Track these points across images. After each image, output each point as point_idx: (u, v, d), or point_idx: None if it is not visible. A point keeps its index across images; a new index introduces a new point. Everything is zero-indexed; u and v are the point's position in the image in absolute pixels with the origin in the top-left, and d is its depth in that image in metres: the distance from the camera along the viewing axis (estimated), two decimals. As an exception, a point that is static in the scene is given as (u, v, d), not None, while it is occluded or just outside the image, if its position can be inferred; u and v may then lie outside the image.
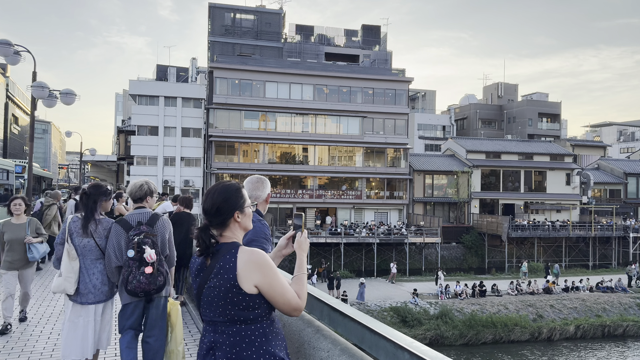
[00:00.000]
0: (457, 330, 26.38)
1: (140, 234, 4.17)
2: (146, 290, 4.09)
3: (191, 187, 42.75)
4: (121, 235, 4.24)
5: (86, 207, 4.41)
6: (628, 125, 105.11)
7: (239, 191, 2.39)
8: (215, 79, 42.01)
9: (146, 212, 4.44)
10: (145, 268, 4.08)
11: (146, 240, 4.14)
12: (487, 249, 43.44)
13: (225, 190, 2.35)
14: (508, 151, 48.58)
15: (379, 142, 44.41)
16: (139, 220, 4.33)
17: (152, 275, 4.10)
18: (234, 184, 2.41)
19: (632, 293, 31.89)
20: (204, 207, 2.35)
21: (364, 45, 50.84)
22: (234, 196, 2.35)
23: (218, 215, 2.30)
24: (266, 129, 42.49)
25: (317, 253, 39.08)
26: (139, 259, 4.08)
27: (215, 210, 2.30)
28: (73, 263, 4.28)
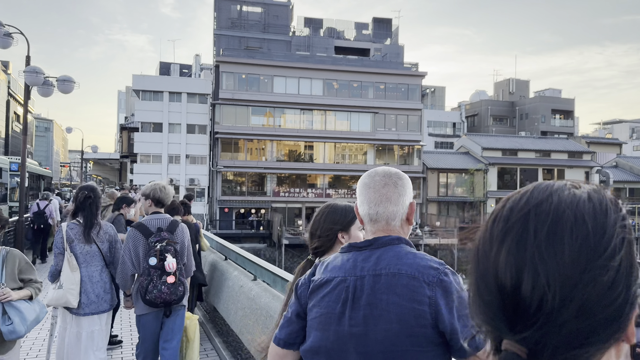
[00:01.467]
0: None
1: (162, 240, 4.01)
2: (167, 301, 3.95)
3: (196, 186, 41.23)
4: (139, 241, 4.04)
5: (89, 212, 4.23)
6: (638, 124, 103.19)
7: None
8: (222, 73, 40.43)
9: (166, 218, 4.23)
10: (167, 277, 3.94)
11: (168, 247, 4.00)
12: (504, 250, 41.70)
13: None
14: (525, 148, 46.86)
15: (391, 139, 42.76)
16: (158, 226, 4.13)
17: (174, 285, 3.97)
18: None
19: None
20: None
21: (375, 38, 49.18)
22: None
23: None
24: (274, 126, 40.91)
25: (328, 255, 37.49)
26: (160, 268, 3.93)
27: None
28: (75, 273, 4.06)
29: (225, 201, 39.60)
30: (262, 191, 41.29)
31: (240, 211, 40.90)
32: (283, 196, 40.54)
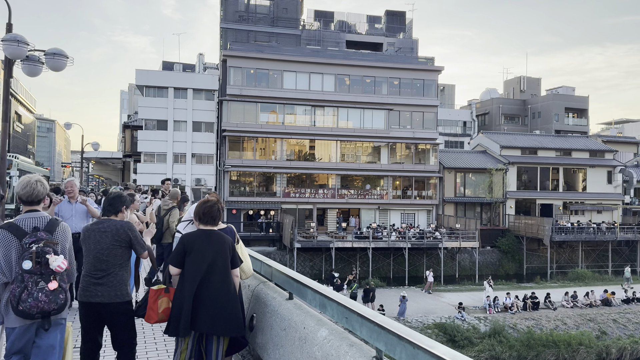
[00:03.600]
0: (514, 350, 22.82)
1: (38, 241, 3.51)
2: (45, 310, 3.44)
3: (203, 186, 39.38)
4: (10, 244, 3.52)
5: None
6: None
7: None
8: (229, 68, 38.59)
9: (43, 216, 3.74)
10: (48, 284, 3.47)
11: (47, 249, 3.50)
12: (526, 254, 39.80)
13: None
14: (545, 147, 44.89)
15: (407, 137, 40.84)
16: (34, 225, 3.64)
17: (54, 292, 3.48)
18: None
19: (702, 305, 28.19)
20: None
21: (388, 32, 47.26)
22: None
23: None
24: (284, 123, 39.04)
25: (342, 259, 35.60)
26: (37, 272, 3.44)
27: None
28: None
29: (233, 202, 37.74)
30: (272, 192, 39.42)
31: (249, 212, 39.03)
32: (293, 197, 38.64)
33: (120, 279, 4.13)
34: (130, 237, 4.18)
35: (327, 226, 39.00)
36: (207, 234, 4.17)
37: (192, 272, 4.01)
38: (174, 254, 4.11)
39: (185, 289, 3.98)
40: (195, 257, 4.04)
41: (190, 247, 4.06)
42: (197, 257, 4.03)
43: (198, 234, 4.15)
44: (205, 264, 4.03)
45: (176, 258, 4.07)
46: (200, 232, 4.18)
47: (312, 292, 3.12)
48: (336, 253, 33.93)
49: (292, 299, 3.74)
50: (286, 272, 3.84)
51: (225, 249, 4.16)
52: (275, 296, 3.99)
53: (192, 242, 4.08)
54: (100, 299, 4.03)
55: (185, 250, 4.06)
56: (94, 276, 4.07)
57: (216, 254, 4.07)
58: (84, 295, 4.07)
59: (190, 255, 4.05)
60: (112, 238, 4.11)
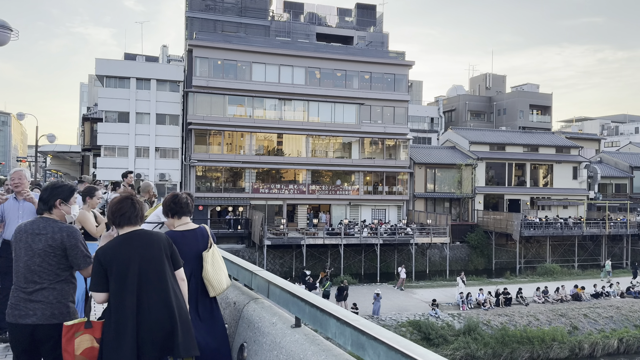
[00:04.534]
0: (489, 348, 22.54)
1: None
2: None
3: (167, 182, 37.79)
4: None
5: None
6: (608, 120, 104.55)
7: None
8: (195, 58, 37.08)
9: None
10: None
11: None
12: (494, 249, 39.98)
13: None
14: (513, 143, 45.24)
15: (378, 132, 40.29)
16: None
17: None
18: None
19: (667, 299, 28.73)
20: None
21: (358, 26, 46.54)
22: None
23: None
24: (253, 116, 37.84)
25: (313, 256, 34.79)
26: None
27: None
28: None
29: (199, 198, 36.32)
30: (240, 187, 38.20)
31: (216, 209, 37.71)
32: (263, 193, 37.55)
33: (59, 294, 3.27)
34: (66, 245, 3.29)
35: (298, 222, 38.10)
36: (127, 239, 3.25)
37: (120, 295, 3.12)
38: (93, 276, 3.18)
39: (119, 320, 3.08)
40: (119, 273, 3.15)
41: (108, 262, 3.16)
42: (122, 272, 3.15)
43: (114, 243, 3.24)
44: (134, 278, 3.15)
45: (96, 281, 3.16)
46: (118, 239, 3.26)
47: (337, 324, 2.23)
48: (307, 250, 33.09)
49: (299, 327, 2.83)
50: (290, 290, 2.90)
51: (156, 250, 3.27)
52: (275, 321, 3.05)
53: (110, 254, 3.18)
54: (32, 319, 3.16)
55: (104, 267, 3.16)
56: (24, 290, 3.20)
57: (146, 261, 3.21)
58: (12, 314, 3.19)
59: (112, 274, 3.15)
60: (45, 243, 3.25)
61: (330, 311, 2.39)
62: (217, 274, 3.75)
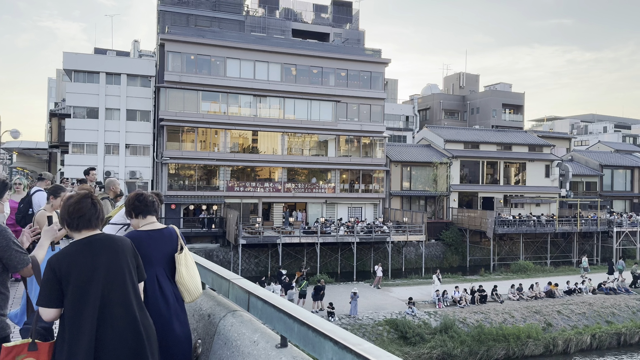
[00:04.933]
0: (465, 346, 22.52)
1: None
2: None
3: (138, 179, 36.79)
4: None
5: None
6: (577, 120, 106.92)
7: None
8: (167, 53, 36.14)
9: None
10: None
11: None
12: (469, 246, 40.24)
13: None
14: (487, 141, 45.65)
15: (354, 129, 40.06)
16: None
17: None
18: None
19: (635, 294, 29.31)
20: None
21: (335, 22, 46.20)
22: None
23: None
24: (227, 113, 37.11)
25: (289, 254, 34.34)
26: None
27: None
28: None
29: (171, 196, 35.47)
30: (214, 185, 37.45)
31: (189, 207, 36.88)
32: (237, 191, 36.89)
33: None
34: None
35: (273, 221, 37.57)
36: (87, 244, 2.79)
37: (78, 311, 2.67)
38: (43, 289, 2.71)
39: (75, 339, 2.63)
40: (78, 285, 2.69)
41: (65, 272, 2.69)
42: (82, 284, 2.70)
43: (72, 250, 2.77)
44: (98, 292, 2.71)
45: (47, 294, 2.68)
46: (76, 245, 2.80)
47: (335, 348, 1.82)
48: (283, 249, 32.62)
49: (286, 346, 2.42)
50: (275, 303, 2.46)
51: (122, 258, 2.84)
52: (257, 339, 2.61)
53: (66, 263, 2.71)
54: None
55: (58, 278, 2.69)
56: None
57: (111, 271, 2.77)
58: None
59: (70, 285, 2.68)
60: None
61: (326, 332, 1.98)
62: (193, 277, 3.36)
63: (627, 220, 41.45)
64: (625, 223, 40.98)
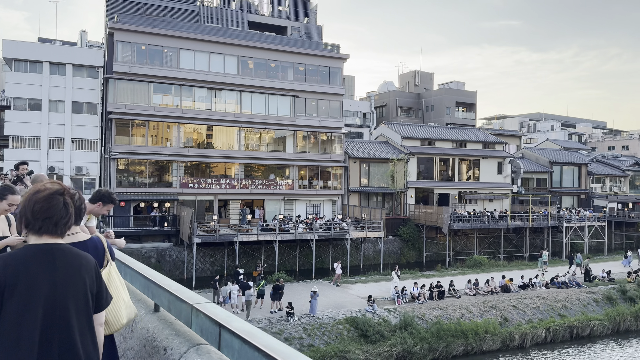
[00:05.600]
0: (425, 342, 22.44)
1: None
2: None
3: (85, 175, 34.90)
4: None
5: None
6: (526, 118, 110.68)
7: None
8: (117, 43, 34.38)
9: None
10: None
11: None
12: (425, 242, 40.58)
13: None
14: (443, 138, 46.17)
15: (313, 125, 39.51)
16: None
17: None
18: None
19: (585, 288, 30.26)
20: None
21: (292, 16, 45.42)
22: None
23: None
24: (181, 106, 35.71)
25: (246, 253, 33.45)
26: None
27: None
28: None
29: (121, 194, 33.77)
30: (167, 182, 36.00)
31: (140, 205, 35.28)
32: (192, 187, 35.61)
33: None
34: None
35: (230, 218, 36.54)
36: (45, 253, 2.19)
37: (16, 329, 2.05)
38: None
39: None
40: (22, 297, 2.09)
41: (9, 280, 2.09)
42: (26, 297, 2.09)
43: (21, 255, 2.17)
44: (39, 314, 2.09)
45: None
46: (28, 250, 2.19)
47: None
48: (240, 247, 31.70)
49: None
50: (262, 347, 1.80)
51: (80, 279, 2.24)
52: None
53: (12, 270, 2.11)
54: None
55: (1, 288, 2.08)
56: None
57: (64, 291, 2.17)
58: None
59: (13, 297, 2.08)
60: None
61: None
62: (114, 304, 2.72)
63: (576, 216, 42.93)
64: (574, 218, 42.43)
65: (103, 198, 4.55)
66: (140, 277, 3.20)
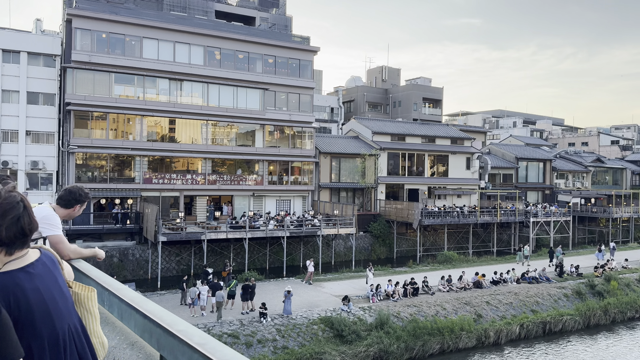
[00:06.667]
0: (401, 342, 21.97)
1: None
2: None
3: (41, 170, 32.86)
4: None
5: None
6: (489, 115, 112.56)
7: None
8: (75, 30, 32.44)
9: None
10: None
11: None
12: (396, 238, 40.30)
13: None
14: (412, 133, 46.01)
15: (283, 119, 38.51)
16: None
17: None
18: None
19: (555, 283, 30.53)
20: None
21: (261, 6, 44.17)
22: None
23: None
24: (144, 98, 34.08)
25: (214, 251, 32.25)
26: None
27: None
28: None
29: (80, 189, 31.90)
30: (129, 177, 34.33)
31: (101, 202, 33.51)
32: (156, 183, 34.07)
33: None
34: None
35: (197, 215, 35.19)
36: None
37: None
38: None
39: None
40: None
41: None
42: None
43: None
44: None
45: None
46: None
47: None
48: (207, 245, 30.49)
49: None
50: None
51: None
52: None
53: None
54: None
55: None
56: None
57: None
58: None
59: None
60: None
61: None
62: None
63: (542, 211, 43.54)
64: (540, 213, 43.02)
65: (80, 198, 3.64)
66: (135, 314, 2.31)
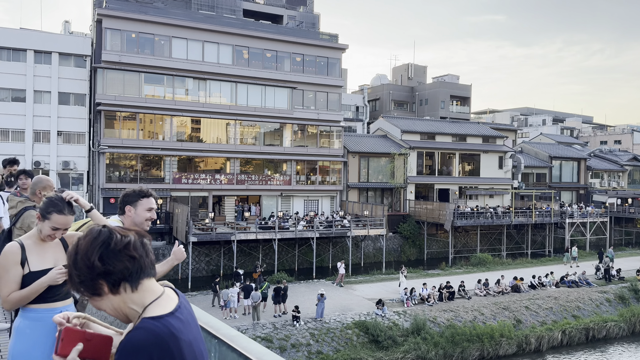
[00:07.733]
0: (439, 348, 21.20)
1: None
2: None
3: (72, 170, 33.02)
4: None
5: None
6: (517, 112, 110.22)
7: None
8: (105, 30, 32.46)
9: None
10: None
11: None
12: (426, 239, 39.39)
13: None
14: (443, 132, 44.96)
15: (311, 118, 37.98)
16: None
17: None
18: None
19: (596, 287, 29.28)
20: None
21: (288, 4, 43.74)
22: None
23: None
24: (174, 98, 33.94)
25: (243, 252, 31.91)
26: None
27: None
28: None
29: (110, 189, 32.02)
30: (159, 177, 34.26)
31: (131, 201, 33.40)
32: (185, 183, 33.92)
33: None
34: None
35: (225, 215, 34.92)
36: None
37: None
38: None
39: None
40: None
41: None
42: None
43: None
44: None
45: None
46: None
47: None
48: (237, 246, 30.15)
49: None
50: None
51: None
52: None
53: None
54: None
55: None
56: None
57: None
58: None
59: None
60: None
61: None
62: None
63: (578, 212, 42.07)
64: (577, 214, 41.56)
65: (126, 199, 3.34)
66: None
